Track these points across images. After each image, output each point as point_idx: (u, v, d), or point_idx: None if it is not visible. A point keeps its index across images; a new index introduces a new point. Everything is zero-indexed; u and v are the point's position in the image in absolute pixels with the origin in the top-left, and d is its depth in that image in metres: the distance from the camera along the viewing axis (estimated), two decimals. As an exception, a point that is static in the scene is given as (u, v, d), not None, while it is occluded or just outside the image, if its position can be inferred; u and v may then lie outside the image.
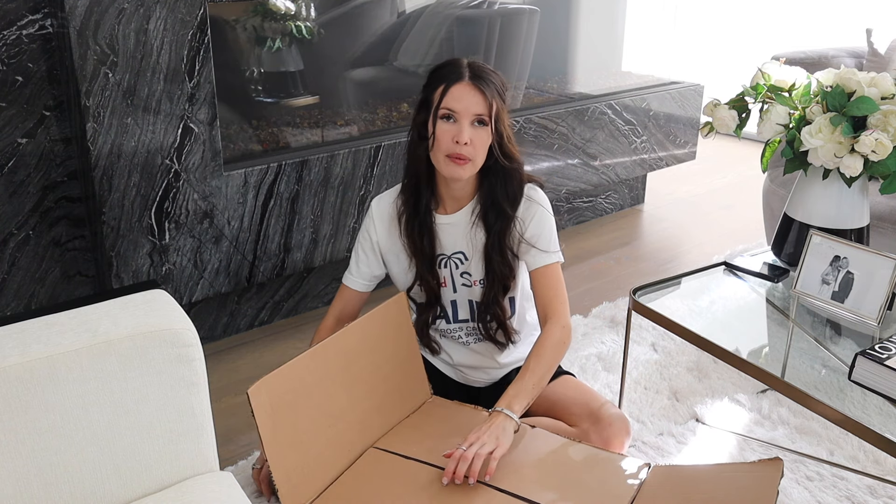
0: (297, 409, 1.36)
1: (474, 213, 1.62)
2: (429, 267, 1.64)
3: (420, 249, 1.62)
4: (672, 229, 3.26)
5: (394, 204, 1.66)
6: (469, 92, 1.50)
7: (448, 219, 1.64)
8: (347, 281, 1.73)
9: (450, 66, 1.54)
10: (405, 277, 1.68)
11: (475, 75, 1.51)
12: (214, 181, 2.05)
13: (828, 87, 1.69)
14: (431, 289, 1.65)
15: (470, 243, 1.63)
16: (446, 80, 1.52)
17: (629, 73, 3.29)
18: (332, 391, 1.45)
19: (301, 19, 2.30)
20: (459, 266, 1.65)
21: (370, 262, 1.70)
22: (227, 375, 2.14)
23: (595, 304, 2.54)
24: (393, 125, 2.55)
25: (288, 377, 1.36)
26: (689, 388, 2.03)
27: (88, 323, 1.04)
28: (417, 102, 1.58)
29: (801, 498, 1.65)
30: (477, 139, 1.51)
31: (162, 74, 1.88)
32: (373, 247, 1.69)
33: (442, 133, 1.51)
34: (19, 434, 0.97)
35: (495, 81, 1.53)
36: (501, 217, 1.59)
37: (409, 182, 1.63)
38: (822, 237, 1.68)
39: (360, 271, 1.71)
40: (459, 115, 1.50)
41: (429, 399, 1.67)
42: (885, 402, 1.39)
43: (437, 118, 1.52)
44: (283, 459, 1.31)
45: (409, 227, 1.62)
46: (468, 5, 2.71)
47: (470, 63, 1.54)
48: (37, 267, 2.03)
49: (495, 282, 1.62)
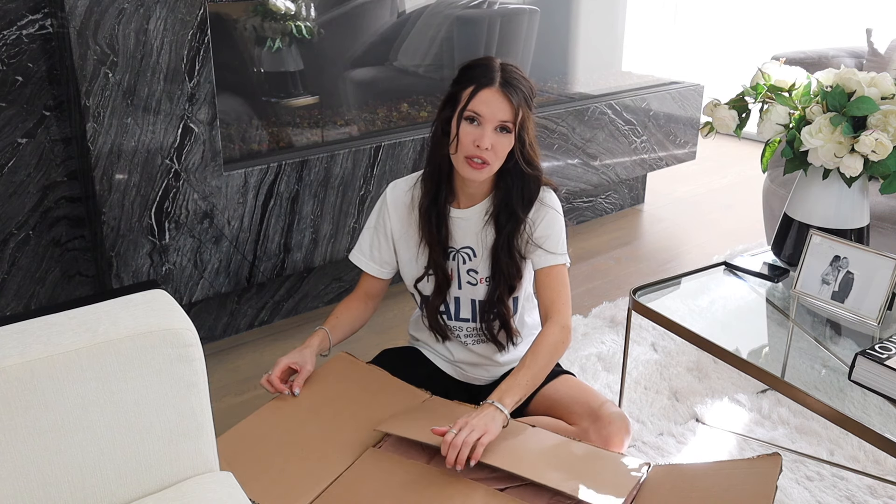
0: (264, 455, 1.41)
1: (487, 212, 1.64)
2: (443, 256, 1.65)
3: (436, 239, 1.64)
4: (672, 229, 3.26)
5: (410, 192, 1.67)
6: (497, 98, 1.51)
7: (461, 213, 1.65)
8: (362, 264, 1.73)
9: (482, 68, 1.54)
10: (414, 266, 1.69)
11: (506, 82, 1.51)
12: (214, 181, 2.05)
13: (828, 87, 1.69)
14: (444, 274, 1.66)
15: (480, 240, 1.65)
16: (477, 81, 1.52)
17: (629, 73, 3.29)
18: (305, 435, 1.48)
19: (301, 19, 2.30)
20: (467, 262, 1.67)
21: (382, 248, 1.71)
22: (227, 375, 2.14)
23: (595, 304, 2.54)
24: (393, 125, 2.55)
25: (246, 434, 1.42)
26: (689, 388, 2.04)
27: (88, 323, 1.04)
28: (445, 96, 1.59)
29: (801, 498, 1.65)
30: (498, 145, 1.53)
31: (162, 74, 1.88)
32: (386, 234, 1.70)
33: (464, 134, 1.53)
34: (19, 434, 0.97)
35: (524, 89, 1.54)
36: (513, 219, 1.60)
37: (430, 172, 1.64)
38: (822, 237, 1.68)
39: (372, 255, 1.72)
40: (484, 120, 1.51)
41: (427, 399, 1.67)
42: (885, 402, 1.39)
43: (462, 118, 1.53)
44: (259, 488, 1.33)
45: (427, 216, 1.63)
46: (468, 5, 2.71)
47: (503, 66, 1.54)
48: (37, 267, 2.03)
49: (502, 281, 1.63)
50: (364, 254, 1.73)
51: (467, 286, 1.68)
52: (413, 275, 1.70)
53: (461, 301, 1.69)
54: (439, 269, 1.65)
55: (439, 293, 1.68)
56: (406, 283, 1.73)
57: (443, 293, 1.68)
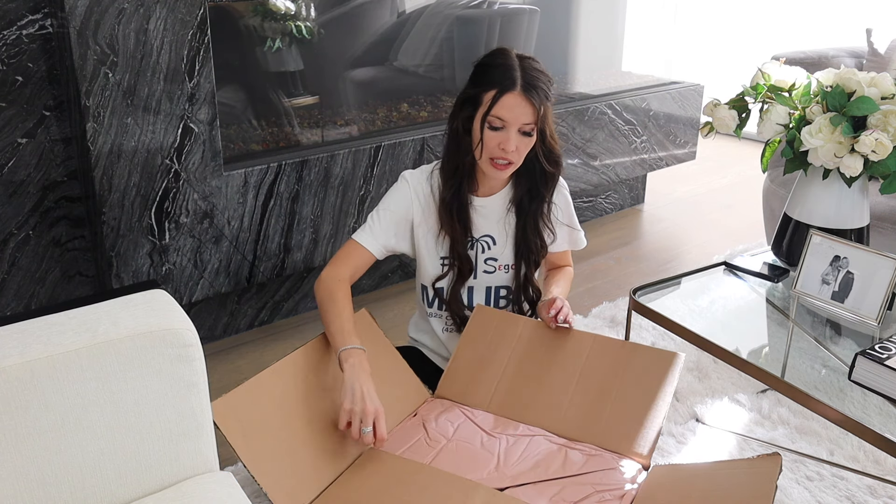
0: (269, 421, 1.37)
1: (509, 199, 1.68)
2: (464, 245, 1.68)
3: (458, 229, 1.65)
4: (672, 229, 3.26)
5: (428, 182, 1.67)
6: (520, 103, 1.51)
7: (483, 202, 1.68)
8: (362, 239, 1.64)
9: (502, 69, 1.53)
10: (434, 257, 1.69)
11: (527, 83, 1.51)
12: (214, 181, 2.05)
13: (828, 87, 1.69)
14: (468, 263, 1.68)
15: (501, 228, 1.69)
16: (499, 85, 1.52)
17: (629, 73, 3.29)
18: (311, 402, 1.45)
19: (301, 19, 2.30)
20: (486, 250, 1.70)
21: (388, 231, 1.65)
22: (227, 375, 2.14)
23: (595, 304, 2.54)
24: (393, 125, 2.55)
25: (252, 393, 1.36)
26: (689, 388, 2.03)
27: (88, 323, 1.04)
28: (463, 95, 1.59)
29: (801, 498, 1.65)
30: (522, 146, 1.56)
31: (162, 74, 1.88)
32: (406, 219, 1.67)
33: (489, 139, 1.55)
34: (19, 434, 0.97)
35: (544, 85, 1.55)
36: (537, 198, 1.67)
37: (449, 166, 1.64)
38: (822, 237, 1.68)
39: (381, 232, 1.65)
40: (508, 125, 1.53)
41: (428, 399, 1.67)
42: (885, 402, 1.39)
43: (485, 123, 1.54)
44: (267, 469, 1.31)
45: (449, 208, 1.64)
46: (468, 5, 2.71)
47: (522, 65, 1.53)
48: (37, 267, 2.03)
49: (531, 261, 1.71)
50: (375, 237, 1.65)
51: (483, 275, 1.71)
52: (433, 273, 1.70)
53: (474, 290, 1.72)
54: (462, 258, 1.68)
55: (461, 280, 1.70)
56: (424, 280, 1.73)
57: (464, 279, 1.70)
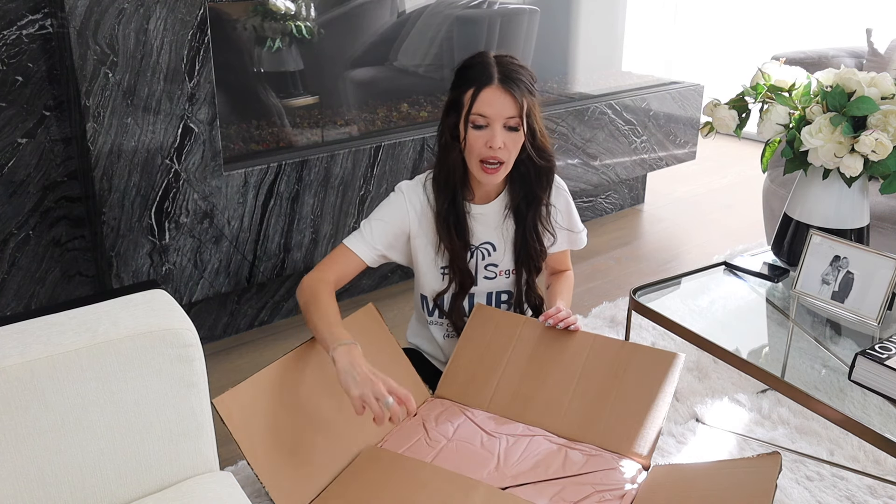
0: (272, 417, 1.36)
1: (506, 205, 1.66)
2: (464, 256, 1.66)
3: (456, 241, 1.63)
4: (672, 229, 3.26)
5: (423, 193, 1.65)
6: (499, 96, 1.50)
7: (480, 209, 1.66)
8: (354, 245, 1.60)
9: (478, 67, 1.52)
10: (434, 270, 1.68)
11: (504, 76, 1.50)
12: (214, 181, 2.05)
13: (828, 87, 1.69)
14: (469, 275, 1.67)
15: (500, 235, 1.67)
16: (476, 82, 1.51)
17: (629, 73, 3.29)
18: (314, 399, 1.45)
19: (301, 19, 2.30)
20: (486, 257, 1.68)
21: (382, 240, 1.62)
22: (227, 375, 2.14)
23: (595, 304, 2.54)
24: (393, 125, 2.55)
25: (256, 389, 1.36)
26: (689, 388, 2.03)
27: (88, 323, 1.04)
28: (446, 103, 1.57)
29: (801, 498, 1.65)
30: (510, 142, 1.53)
31: (162, 74, 1.88)
32: (402, 229, 1.64)
33: (474, 139, 1.53)
34: (19, 434, 0.97)
35: (524, 78, 1.53)
36: (534, 203, 1.64)
37: (441, 176, 1.61)
38: (822, 237, 1.68)
39: (374, 240, 1.61)
40: (491, 121, 1.51)
41: (428, 399, 1.67)
42: (885, 402, 1.39)
43: (468, 124, 1.52)
44: (268, 466, 1.31)
45: (445, 219, 1.62)
46: (468, 5, 2.71)
47: (498, 61, 1.52)
48: (37, 267, 2.03)
49: (531, 267, 1.70)
50: (368, 244, 1.61)
51: (484, 281, 1.70)
52: (434, 286, 1.69)
53: (475, 297, 1.71)
54: (463, 272, 1.65)
55: (462, 293, 1.68)
56: (424, 291, 1.72)
57: (466, 292, 1.69)
